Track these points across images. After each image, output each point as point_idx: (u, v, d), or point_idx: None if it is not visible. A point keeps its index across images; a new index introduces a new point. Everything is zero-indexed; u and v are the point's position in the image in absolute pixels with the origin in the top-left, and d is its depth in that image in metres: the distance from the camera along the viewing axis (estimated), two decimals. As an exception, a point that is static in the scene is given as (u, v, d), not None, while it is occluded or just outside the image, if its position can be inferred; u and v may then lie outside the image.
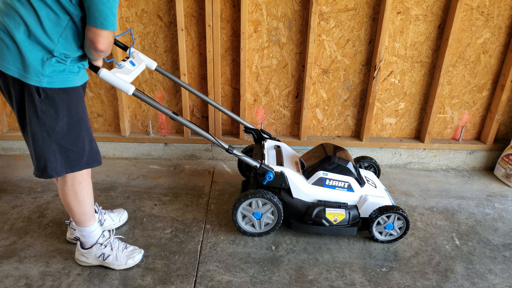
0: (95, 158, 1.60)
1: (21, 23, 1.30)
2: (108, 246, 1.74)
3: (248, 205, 1.91)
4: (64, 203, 1.64)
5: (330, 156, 1.96)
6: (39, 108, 1.39)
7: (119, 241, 1.79)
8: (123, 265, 1.75)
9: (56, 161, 1.49)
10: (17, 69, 1.33)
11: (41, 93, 1.36)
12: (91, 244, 1.72)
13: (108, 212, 2.01)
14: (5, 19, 1.31)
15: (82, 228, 1.70)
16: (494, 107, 2.63)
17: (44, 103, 1.38)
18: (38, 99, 1.37)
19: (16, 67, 1.33)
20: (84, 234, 1.71)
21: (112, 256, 1.74)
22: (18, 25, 1.30)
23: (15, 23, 1.30)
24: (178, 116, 1.72)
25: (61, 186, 1.61)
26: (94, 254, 1.73)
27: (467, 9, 2.38)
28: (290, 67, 2.55)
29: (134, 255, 1.78)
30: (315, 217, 1.91)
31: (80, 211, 1.65)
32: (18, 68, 1.33)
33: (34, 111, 1.39)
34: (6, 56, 1.33)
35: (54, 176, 1.50)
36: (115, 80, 1.52)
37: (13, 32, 1.30)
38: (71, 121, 1.47)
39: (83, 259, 1.76)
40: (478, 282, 1.78)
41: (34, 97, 1.36)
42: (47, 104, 1.39)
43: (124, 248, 1.78)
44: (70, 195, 1.61)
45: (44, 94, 1.37)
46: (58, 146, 1.47)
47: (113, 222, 2.00)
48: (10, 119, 2.71)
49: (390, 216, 1.91)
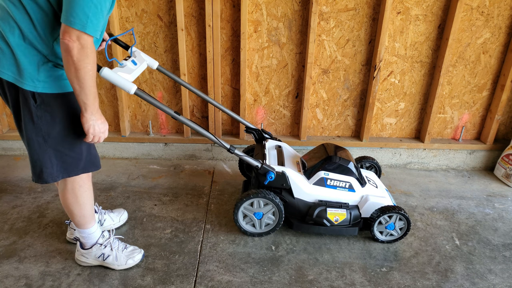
0: (93, 163, 1.58)
1: (15, 26, 1.27)
2: (108, 247, 1.74)
3: (250, 204, 1.91)
4: (65, 206, 1.64)
5: (331, 156, 1.96)
6: (35, 114, 1.36)
7: (119, 241, 1.79)
8: (123, 265, 1.75)
9: (52, 166, 1.46)
10: (12, 74, 1.31)
11: (37, 98, 1.33)
12: (91, 244, 1.72)
13: (108, 212, 2.01)
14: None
15: (82, 230, 1.69)
16: (494, 107, 2.63)
17: (39, 108, 1.35)
18: (34, 104, 1.34)
19: (11, 72, 1.31)
20: (84, 235, 1.71)
21: (112, 256, 1.73)
22: (13, 28, 1.27)
23: (9, 26, 1.27)
24: (179, 116, 1.72)
25: (61, 189, 1.60)
26: (94, 254, 1.73)
27: (467, 9, 2.38)
28: (290, 67, 2.55)
29: (134, 255, 1.78)
30: (316, 217, 1.91)
31: (81, 214, 1.64)
32: (13, 72, 1.31)
33: (29, 117, 1.36)
34: (1, 60, 1.30)
35: (50, 181, 1.47)
36: (116, 79, 1.51)
37: (8, 36, 1.27)
38: (68, 126, 1.44)
39: (83, 259, 1.76)
40: (478, 282, 1.78)
41: (30, 102, 1.33)
42: (43, 110, 1.36)
43: (124, 248, 1.78)
44: (70, 199, 1.60)
45: (40, 99, 1.34)
46: (55, 151, 1.44)
47: (113, 222, 2.00)
48: (10, 119, 2.71)
49: (392, 216, 1.91)
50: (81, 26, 1.21)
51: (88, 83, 1.30)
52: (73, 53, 1.23)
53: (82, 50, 1.24)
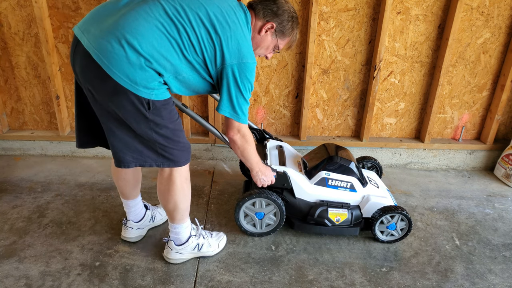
0: (190, 153, 1.64)
1: (165, 57, 1.38)
2: (201, 236, 1.81)
3: (252, 204, 1.91)
4: (171, 203, 1.66)
5: (333, 156, 1.96)
6: (147, 117, 1.41)
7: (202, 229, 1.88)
8: (216, 249, 1.85)
9: (159, 156, 1.53)
10: (129, 80, 1.34)
11: (150, 104, 1.39)
12: (186, 238, 1.76)
13: (156, 208, 2.07)
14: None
15: (180, 224, 1.73)
16: (494, 107, 2.63)
17: (151, 113, 1.41)
18: (147, 108, 1.40)
19: (129, 79, 1.34)
20: (180, 230, 1.74)
21: (205, 244, 1.81)
22: (161, 58, 1.37)
23: (160, 53, 1.36)
24: (187, 108, 1.81)
25: (168, 187, 1.62)
26: (190, 247, 1.78)
27: (467, 9, 2.38)
28: (290, 67, 2.55)
29: (221, 237, 1.90)
30: (318, 217, 1.91)
31: (184, 207, 1.70)
32: (130, 80, 1.34)
33: (143, 119, 1.42)
34: (123, 67, 1.32)
35: (153, 165, 1.53)
36: None
37: (144, 52, 1.33)
38: (173, 127, 1.50)
39: (179, 256, 1.78)
40: (478, 282, 1.78)
41: (143, 106, 1.39)
42: (154, 114, 1.42)
43: (210, 234, 1.87)
44: (179, 193, 1.64)
45: (153, 106, 1.40)
46: (162, 145, 1.50)
47: (161, 217, 2.06)
48: (10, 119, 2.71)
49: (393, 216, 1.91)
50: (242, 120, 1.57)
51: (251, 158, 1.74)
52: (238, 143, 1.64)
53: (243, 138, 1.63)
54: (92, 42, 1.33)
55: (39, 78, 2.56)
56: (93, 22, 1.38)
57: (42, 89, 2.60)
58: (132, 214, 1.90)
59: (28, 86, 2.59)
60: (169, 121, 1.47)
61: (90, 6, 2.36)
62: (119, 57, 1.31)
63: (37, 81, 2.57)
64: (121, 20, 1.33)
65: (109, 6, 1.41)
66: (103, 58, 1.31)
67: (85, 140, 1.67)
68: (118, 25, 1.32)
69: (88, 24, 1.38)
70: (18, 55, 2.50)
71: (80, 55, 1.36)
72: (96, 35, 1.33)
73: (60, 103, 2.58)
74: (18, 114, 2.69)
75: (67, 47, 2.48)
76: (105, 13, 1.39)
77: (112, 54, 1.31)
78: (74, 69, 1.45)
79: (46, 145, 2.74)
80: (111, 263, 1.80)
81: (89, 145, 1.69)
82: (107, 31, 1.32)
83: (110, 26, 1.33)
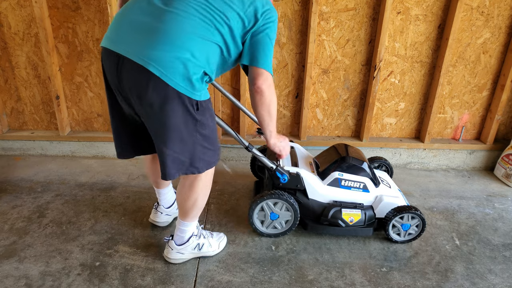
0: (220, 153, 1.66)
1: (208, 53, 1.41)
2: (201, 236, 1.80)
3: (273, 204, 1.91)
4: (192, 200, 1.66)
5: (345, 157, 1.95)
6: (196, 117, 1.44)
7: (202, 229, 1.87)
8: (216, 249, 1.85)
9: (200, 161, 1.54)
10: (185, 85, 1.37)
11: (199, 105, 1.43)
12: (188, 237, 1.76)
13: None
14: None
15: (191, 222, 1.73)
16: (494, 107, 2.63)
17: (199, 113, 1.45)
18: (196, 110, 1.43)
19: (185, 84, 1.37)
20: (187, 228, 1.74)
21: (206, 244, 1.80)
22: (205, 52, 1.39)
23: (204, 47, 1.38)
24: None
25: (194, 185, 1.62)
26: (191, 247, 1.77)
27: (467, 9, 2.38)
28: (290, 67, 2.55)
29: (221, 237, 1.90)
30: (331, 218, 1.91)
31: (202, 205, 1.71)
32: (185, 84, 1.37)
33: (191, 121, 1.44)
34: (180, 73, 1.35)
35: (195, 172, 1.55)
36: None
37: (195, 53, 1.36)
38: (213, 126, 1.54)
39: (179, 256, 1.78)
40: (478, 282, 1.78)
41: (193, 107, 1.42)
42: (201, 114, 1.46)
43: (211, 234, 1.86)
44: (202, 192, 1.66)
45: (201, 106, 1.44)
46: (202, 148, 1.52)
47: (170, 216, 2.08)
48: (10, 119, 2.71)
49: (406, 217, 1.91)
50: (271, 69, 1.48)
51: (274, 116, 1.59)
52: (266, 94, 1.50)
53: (271, 88, 1.50)
54: (142, 55, 1.33)
55: (39, 78, 2.56)
56: (130, 32, 1.38)
57: (42, 89, 2.60)
58: (163, 200, 1.99)
59: (28, 86, 2.59)
60: (211, 119, 1.52)
61: (90, 6, 2.36)
62: (175, 64, 1.34)
63: (37, 81, 2.57)
64: (167, 28, 1.34)
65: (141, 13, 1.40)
66: (160, 68, 1.32)
67: (128, 154, 1.71)
68: (167, 34, 1.34)
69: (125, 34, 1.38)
70: (18, 55, 2.50)
71: (128, 68, 1.36)
72: (144, 45, 1.34)
73: (60, 103, 2.58)
74: (18, 114, 2.69)
75: (67, 47, 2.48)
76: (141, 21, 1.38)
77: (169, 64, 1.33)
78: (119, 86, 1.43)
79: (46, 145, 2.74)
80: (111, 263, 1.80)
81: (131, 157, 1.73)
82: (157, 41, 1.33)
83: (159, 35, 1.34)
